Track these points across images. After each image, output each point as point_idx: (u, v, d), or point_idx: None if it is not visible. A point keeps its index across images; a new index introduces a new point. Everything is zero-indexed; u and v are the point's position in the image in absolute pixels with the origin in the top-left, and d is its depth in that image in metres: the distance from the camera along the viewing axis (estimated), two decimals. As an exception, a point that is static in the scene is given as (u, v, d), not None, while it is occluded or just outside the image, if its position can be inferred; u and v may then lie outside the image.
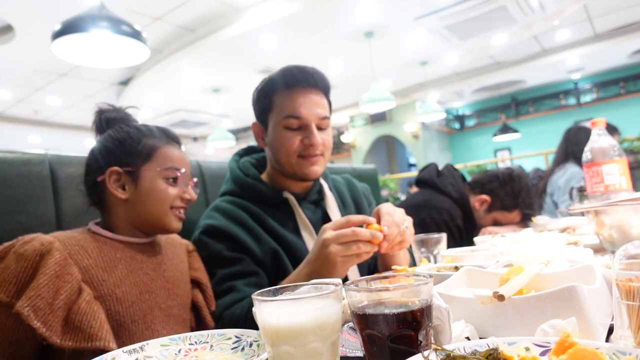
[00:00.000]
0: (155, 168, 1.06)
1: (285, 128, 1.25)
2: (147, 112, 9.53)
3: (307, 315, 0.49)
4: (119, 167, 1.04)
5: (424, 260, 1.22)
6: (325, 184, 1.44)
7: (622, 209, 0.96)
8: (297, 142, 1.24)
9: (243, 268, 1.19)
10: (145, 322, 0.99)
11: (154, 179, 1.06)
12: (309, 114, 1.23)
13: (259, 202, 1.31)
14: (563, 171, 2.97)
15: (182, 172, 1.10)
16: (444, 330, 0.57)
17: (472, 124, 13.07)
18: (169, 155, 1.09)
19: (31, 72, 6.98)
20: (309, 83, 1.25)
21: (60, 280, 0.86)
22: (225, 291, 1.17)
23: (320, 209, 1.39)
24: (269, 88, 1.28)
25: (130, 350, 0.63)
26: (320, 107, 1.26)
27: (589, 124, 1.40)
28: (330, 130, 1.32)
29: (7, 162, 1.13)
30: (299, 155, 1.26)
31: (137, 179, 1.05)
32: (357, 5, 5.65)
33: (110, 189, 1.04)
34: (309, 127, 1.24)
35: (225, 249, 1.21)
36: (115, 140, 1.07)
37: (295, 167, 1.27)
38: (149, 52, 3.28)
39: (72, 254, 0.93)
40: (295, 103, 1.23)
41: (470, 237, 1.98)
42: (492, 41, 7.22)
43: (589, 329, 0.55)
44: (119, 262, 1.01)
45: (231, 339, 0.67)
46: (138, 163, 1.06)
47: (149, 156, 1.07)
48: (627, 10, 7.15)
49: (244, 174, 1.35)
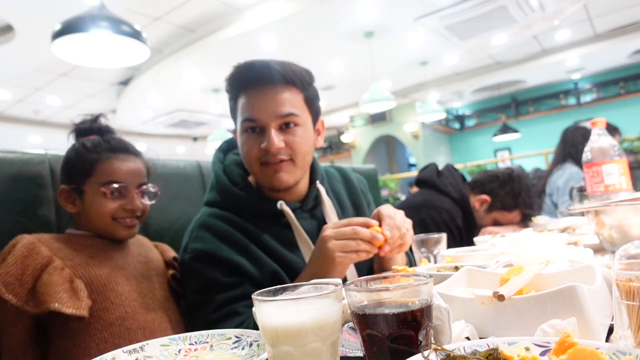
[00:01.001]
0: (95, 183, 1.12)
1: (245, 132, 1.14)
2: (147, 112, 9.53)
3: (307, 315, 0.49)
4: (66, 184, 1.13)
5: (424, 260, 1.22)
6: (322, 188, 1.30)
7: (622, 209, 0.96)
8: (256, 147, 1.12)
9: (243, 291, 1.09)
10: (131, 293, 1.10)
11: (94, 194, 1.12)
12: (262, 115, 1.10)
13: (250, 215, 1.18)
14: (561, 172, 2.98)
15: (121, 184, 1.13)
16: (444, 330, 0.57)
17: (472, 124, 13.08)
18: (108, 169, 1.13)
19: (31, 72, 6.98)
20: (263, 80, 1.11)
21: (27, 259, 0.98)
22: (226, 316, 1.06)
23: (316, 218, 1.27)
24: (230, 91, 1.19)
25: (130, 350, 0.63)
26: (281, 104, 1.10)
27: (588, 124, 1.40)
28: (303, 129, 1.15)
29: (7, 162, 1.13)
30: (261, 163, 1.13)
31: (82, 195, 1.12)
32: (357, 5, 5.66)
33: (62, 204, 1.14)
34: (266, 130, 1.10)
35: (220, 274, 1.09)
36: (65, 158, 1.16)
37: (260, 177, 1.15)
38: (149, 52, 3.28)
39: (42, 241, 1.04)
40: (249, 104, 1.12)
41: (470, 237, 1.98)
42: (492, 41, 7.22)
43: (589, 329, 0.55)
44: (91, 247, 1.11)
45: (231, 339, 0.67)
46: (82, 180, 1.12)
47: (89, 172, 1.12)
48: (627, 10, 7.16)
49: (232, 182, 1.21)
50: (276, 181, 1.13)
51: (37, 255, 1.00)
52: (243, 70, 1.14)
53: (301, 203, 1.24)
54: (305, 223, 1.22)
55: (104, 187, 1.11)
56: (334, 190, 1.38)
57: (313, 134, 1.21)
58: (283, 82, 1.12)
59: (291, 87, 1.13)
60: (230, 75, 1.17)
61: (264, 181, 1.16)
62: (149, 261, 1.22)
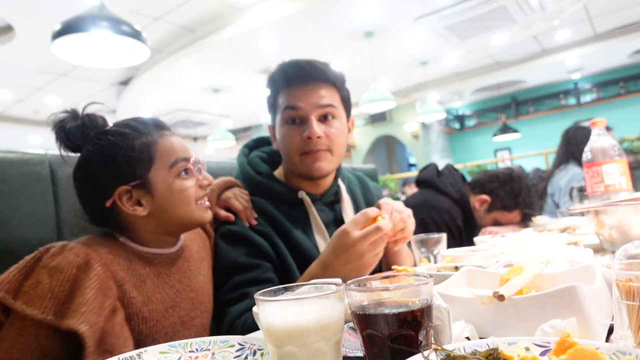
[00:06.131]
0: (163, 168, 0.95)
1: (286, 123, 1.22)
2: (147, 112, 9.52)
3: (311, 315, 0.49)
4: (124, 184, 0.92)
5: (424, 260, 1.22)
6: (343, 186, 1.39)
7: (622, 209, 0.96)
8: (297, 138, 1.20)
9: (258, 275, 1.15)
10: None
11: (167, 181, 0.95)
12: (305, 104, 1.19)
13: (272, 200, 1.26)
14: (564, 172, 2.97)
15: (189, 159, 0.99)
16: (444, 330, 0.57)
17: (472, 124, 13.07)
18: (169, 148, 0.96)
19: (31, 72, 6.98)
20: (304, 77, 1.21)
21: (102, 295, 0.81)
22: (237, 298, 1.12)
23: (334, 212, 1.34)
24: (272, 88, 1.27)
25: (127, 358, 0.60)
26: (321, 96, 1.21)
27: (588, 124, 1.40)
28: (339, 122, 1.25)
29: (7, 162, 1.13)
30: (302, 153, 1.21)
31: (150, 189, 0.94)
32: (357, 5, 5.65)
33: (127, 210, 0.92)
34: (307, 120, 1.19)
35: (241, 254, 1.16)
36: (104, 156, 0.92)
37: (300, 165, 1.23)
38: (149, 52, 3.28)
39: (108, 265, 0.86)
40: (292, 96, 1.21)
41: (470, 237, 1.99)
42: (492, 41, 7.22)
43: (589, 329, 0.55)
44: (147, 277, 0.94)
45: (234, 346, 0.64)
46: (143, 171, 0.93)
47: (150, 159, 0.94)
48: (627, 10, 7.15)
49: (256, 171, 1.30)
50: (315, 169, 1.21)
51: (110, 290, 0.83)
52: (288, 67, 1.23)
53: (321, 195, 1.32)
54: (322, 215, 1.30)
55: (174, 168, 0.95)
56: (351, 191, 1.46)
57: (347, 128, 1.31)
58: (324, 80, 1.22)
59: (330, 85, 1.24)
60: (275, 72, 1.25)
61: (303, 169, 1.23)
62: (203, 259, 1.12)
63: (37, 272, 0.80)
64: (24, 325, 0.78)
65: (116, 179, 0.92)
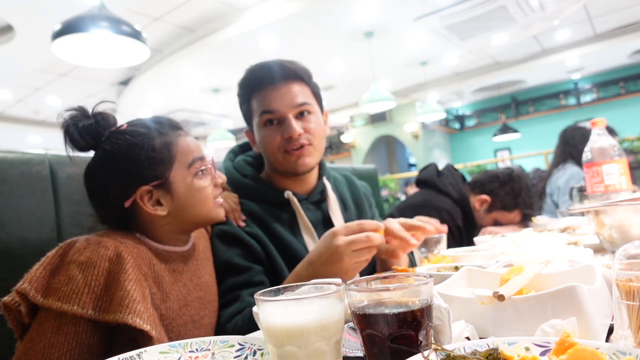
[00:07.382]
0: (182, 168, 0.96)
1: (264, 126, 1.24)
2: (147, 112, 9.52)
3: (311, 315, 0.49)
4: (145, 184, 0.92)
5: (424, 260, 1.22)
6: (328, 184, 1.40)
7: (622, 209, 0.96)
8: (278, 137, 1.22)
9: (249, 278, 1.15)
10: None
11: (186, 181, 0.96)
12: (281, 106, 1.21)
13: (259, 202, 1.28)
14: (562, 172, 2.98)
15: (205, 159, 1.01)
16: (444, 330, 0.57)
17: (472, 124, 13.07)
18: (186, 148, 0.98)
19: (31, 72, 6.98)
20: (275, 78, 1.22)
21: (140, 286, 0.82)
22: (230, 301, 1.13)
23: (321, 211, 1.35)
24: (244, 94, 1.28)
25: (127, 358, 0.60)
26: (295, 95, 1.22)
27: (588, 124, 1.40)
28: (316, 117, 1.27)
29: (7, 162, 1.13)
30: (284, 151, 1.23)
31: (170, 189, 0.95)
32: (357, 5, 5.65)
33: (148, 210, 0.93)
34: (285, 119, 1.21)
35: (234, 255, 1.17)
36: (125, 156, 0.92)
37: (284, 163, 1.24)
38: (149, 52, 3.28)
39: (135, 258, 0.86)
40: (266, 99, 1.22)
41: (470, 237, 1.99)
42: (492, 41, 7.22)
43: (589, 329, 0.55)
44: (165, 274, 0.94)
45: (234, 346, 0.64)
46: (164, 171, 0.94)
47: (171, 159, 0.95)
48: (627, 10, 7.15)
49: (241, 174, 1.32)
50: (300, 165, 1.23)
51: (144, 281, 0.85)
52: (257, 70, 1.24)
53: (307, 195, 1.33)
54: (309, 214, 1.31)
55: (192, 168, 0.97)
56: (338, 190, 1.46)
57: (323, 121, 1.32)
58: (293, 78, 1.24)
59: (300, 82, 1.26)
60: (244, 78, 1.26)
61: (288, 167, 1.24)
62: (210, 257, 1.14)
63: (66, 268, 0.79)
64: (60, 324, 0.76)
65: (138, 178, 0.93)
